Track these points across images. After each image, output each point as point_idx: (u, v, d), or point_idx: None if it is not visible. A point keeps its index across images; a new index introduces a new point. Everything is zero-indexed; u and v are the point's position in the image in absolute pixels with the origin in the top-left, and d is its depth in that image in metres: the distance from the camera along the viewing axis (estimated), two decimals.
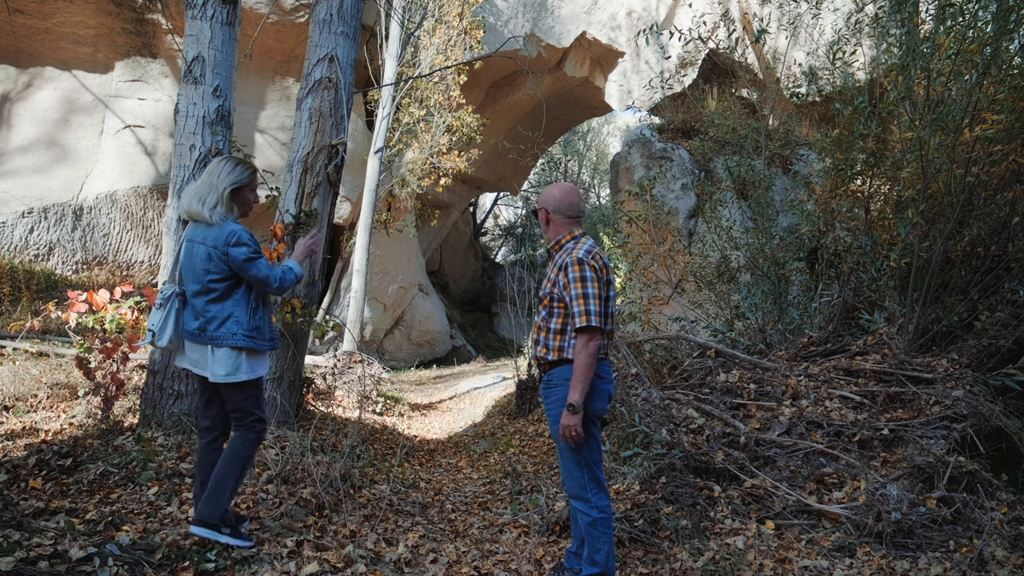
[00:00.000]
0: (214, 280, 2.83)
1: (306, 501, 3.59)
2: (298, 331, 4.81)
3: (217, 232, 2.83)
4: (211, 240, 2.82)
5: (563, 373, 2.77)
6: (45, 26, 9.83)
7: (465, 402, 9.79)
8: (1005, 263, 4.67)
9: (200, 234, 2.85)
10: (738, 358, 5.08)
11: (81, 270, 10.26)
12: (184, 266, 2.90)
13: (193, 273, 2.85)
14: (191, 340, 2.85)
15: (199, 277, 2.84)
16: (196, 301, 2.85)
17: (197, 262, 2.84)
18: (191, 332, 2.85)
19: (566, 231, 2.89)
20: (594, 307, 2.66)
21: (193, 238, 2.88)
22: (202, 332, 2.83)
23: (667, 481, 3.88)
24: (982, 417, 3.90)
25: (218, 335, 2.82)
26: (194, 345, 2.85)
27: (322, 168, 4.81)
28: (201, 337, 2.82)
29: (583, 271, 2.70)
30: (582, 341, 2.65)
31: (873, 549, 3.24)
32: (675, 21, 14.03)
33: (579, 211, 2.92)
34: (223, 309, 2.84)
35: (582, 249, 2.78)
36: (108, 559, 2.43)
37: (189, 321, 2.87)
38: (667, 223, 7.75)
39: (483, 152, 13.72)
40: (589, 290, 2.67)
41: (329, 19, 4.85)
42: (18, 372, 5.37)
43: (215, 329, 2.82)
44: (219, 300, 2.85)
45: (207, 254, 2.82)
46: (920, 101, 4.72)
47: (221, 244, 2.81)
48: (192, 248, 2.87)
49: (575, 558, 2.96)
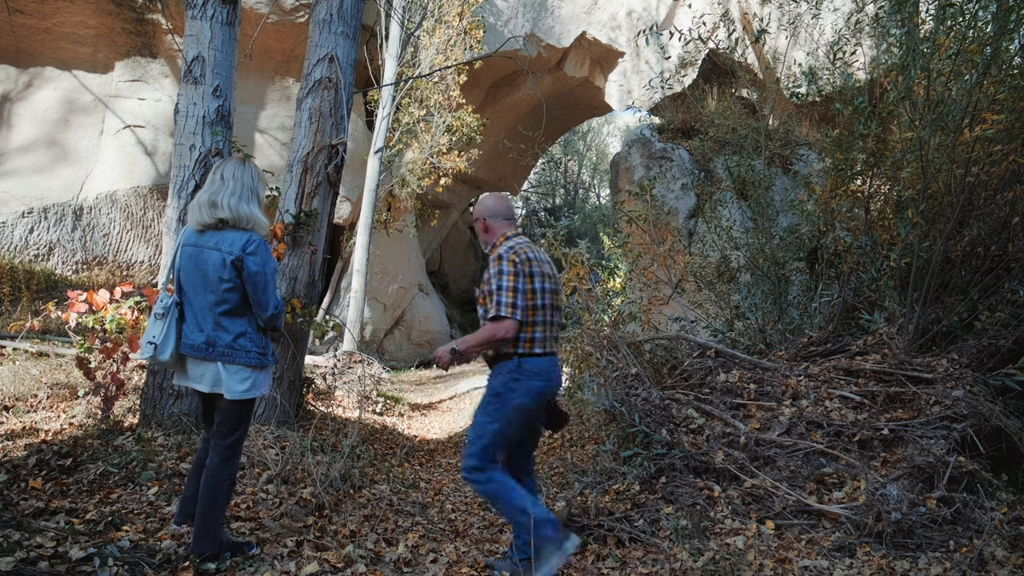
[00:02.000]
0: (229, 290, 2.63)
1: (306, 501, 3.59)
2: (298, 331, 4.81)
3: (235, 236, 2.65)
4: (227, 245, 2.63)
5: (502, 368, 2.95)
6: (45, 26, 9.83)
7: (465, 402, 9.79)
8: (1005, 263, 4.66)
9: (212, 239, 2.65)
10: (738, 358, 5.08)
11: (81, 270, 10.26)
12: (189, 274, 2.68)
13: (205, 282, 2.63)
14: (195, 355, 2.67)
15: (214, 287, 2.62)
16: (206, 313, 2.65)
17: (211, 270, 2.62)
18: (195, 347, 2.66)
19: (500, 234, 3.08)
20: (506, 298, 2.84)
21: (202, 243, 2.65)
22: (211, 347, 2.64)
23: (667, 481, 3.88)
24: (982, 417, 3.90)
25: (231, 352, 2.64)
26: (197, 362, 2.68)
27: (322, 168, 4.81)
28: (210, 352, 2.64)
29: (500, 265, 2.90)
30: (490, 324, 2.86)
31: (873, 549, 3.24)
32: (675, 21, 14.03)
33: (511, 215, 3.14)
34: (237, 324, 2.67)
35: (504, 246, 2.98)
36: (108, 559, 2.43)
37: (192, 335, 2.67)
38: (667, 223, 7.75)
39: (483, 152, 13.72)
40: (504, 283, 2.86)
41: (329, 19, 4.85)
42: (18, 372, 5.37)
43: (228, 345, 2.64)
44: (234, 314, 2.66)
45: (222, 260, 2.61)
46: (920, 101, 4.72)
47: (238, 250, 2.62)
48: (201, 254, 2.64)
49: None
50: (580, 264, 5.52)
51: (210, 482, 2.68)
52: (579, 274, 5.50)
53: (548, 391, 2.99)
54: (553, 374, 2.98)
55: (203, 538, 2.66)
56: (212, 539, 2.67)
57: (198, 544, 2.65)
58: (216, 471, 2.69)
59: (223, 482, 2.69)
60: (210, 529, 2.67)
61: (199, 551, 2.64)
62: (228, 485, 2.72)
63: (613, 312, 5.72)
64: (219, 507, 2.69)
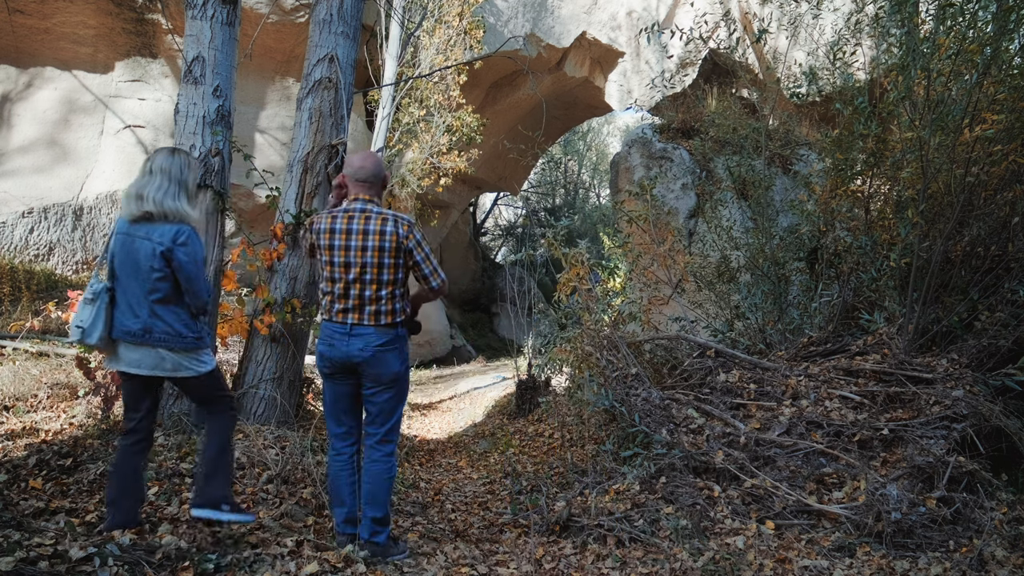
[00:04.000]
0: (160, 279, 2.73)
1: (306, 501, 3.60)
2: (298, 331, 4.81)
3: (165, 228, 2.75)
4: (157, 236, 2.73)
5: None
6: (45, 26, 9.83)
7: (465, 402, 9.79)
8: (1005, 263, 4.66)
9: (144, 229, 2.75)
10: (738, 358, 5.08)
11: (81, 270, 10.26)
12: (122, 262, 2.77)
13: (137, 271, 2.74)
14: (131, 340, 2.75)
15: (145, 275, 2.73)
16: (140, 301, 2.74)
17: (142, 259, 2.73)
18: (131, 333, 2.75)
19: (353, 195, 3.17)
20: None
21: (134, 233, 2.75)
22: (148, 334, 2.74)
23: (667, 481, 3.87)
24: (982, 417, 3.90)
25: (169, 339, 2.75)
26: (134, 346, 2.76)
27: (322, 168, 4.81)
28: (146, 339, 2.74)
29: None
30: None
31: (873, 549, 3.24)
32: (675, 21, 14.03)
33: (362, 176, 3.13)
34: (171, 312, 2.77)
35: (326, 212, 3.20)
36: (108, 559, 2.43)
37: (126, 321, 2.76)
38: (667, 223, 7.74)
39: (483, 152, 13.72)
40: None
41: (329, 19, 4.85)
42: (18, 372, 5.37)
43: (164, 332, 2.75)
44: (167, 302, 2.76)
45: (152, 250, 2.72)
46: (920, 101, 4.72)
47: (168, 241, 2.72)
48: (133, 243, 2.74)
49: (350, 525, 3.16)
50: (580, 264, 5.52)
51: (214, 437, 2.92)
52: (579, 274, 5.50)
53: (331, 357, 3.06)
54: (337, 341, 3.03)
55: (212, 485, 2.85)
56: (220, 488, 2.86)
57: (206, 491, 2.83)
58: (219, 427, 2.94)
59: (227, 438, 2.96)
60: (220, 479, 2.87)
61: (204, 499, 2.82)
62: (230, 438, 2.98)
63: (613, 312, 5.72)
64: (226, 456, 2.93)
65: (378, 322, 3.04)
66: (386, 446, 3.12)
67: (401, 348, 3.12)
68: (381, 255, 3.01)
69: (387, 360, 3.05)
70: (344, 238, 3.02)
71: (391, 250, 3.01)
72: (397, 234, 3.02)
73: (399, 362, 3.09)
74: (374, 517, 3.08)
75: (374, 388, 3.08)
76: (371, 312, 3.03)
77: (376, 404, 3.10)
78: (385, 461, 3.11)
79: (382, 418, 3.11)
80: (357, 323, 3.03)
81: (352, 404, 3.18)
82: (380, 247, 3.00)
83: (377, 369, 3.04)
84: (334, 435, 3.19)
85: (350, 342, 3.03)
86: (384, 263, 3.02)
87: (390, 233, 3.01)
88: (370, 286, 3.02)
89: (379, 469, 3.09)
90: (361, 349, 3.02)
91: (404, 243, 3.03)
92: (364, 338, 3.02)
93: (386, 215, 3.05)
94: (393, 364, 3.07)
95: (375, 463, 3.10)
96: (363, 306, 3.03)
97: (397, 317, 3.08)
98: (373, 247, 3.00)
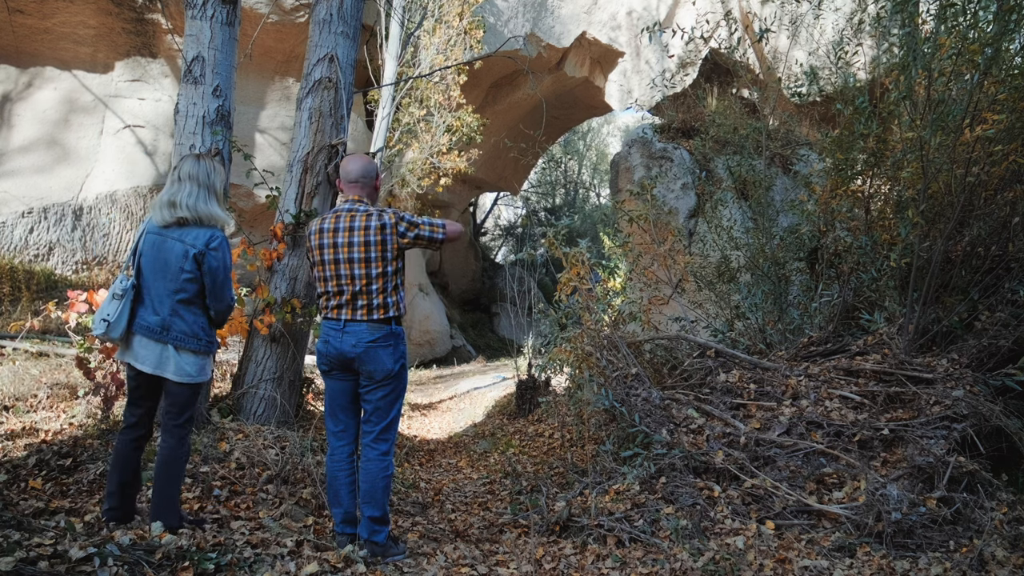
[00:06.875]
0: (189, 280, 2.81)
1: (306, 501, 3.60)
2: (298, 331, 4.81)
3: (200, 232, 2.82)
4: (190, 239, 2.81)
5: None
6: (45, 26, 9.83)
7: (465, 402, 9.79)
8: (1005, 263, 4.66)
9: (176, 232, 2.83)
10: (738, 358, 5.08)
11: (81, 270, 10.26)
12: (150, 260, 2.85)
13: (166, 270, 2.81)
14: (146, 336, 2.82)
15: (174, 275, 2.80)
16: (164, 299, 2.81)
17: (173, 259, 2.81)
18: (149, 328, 2.81)
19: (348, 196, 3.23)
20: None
21: (166, 233, 2.84)
22: (165, 331, 2.80)
23: (667, 481, 3.87)
24: (982, 417, 3.89)
25: (184, 338, 2.82)
26: (147, 341, 2.82)
27: (322, 168, 4.81)
28: (163, 336, 2.80)
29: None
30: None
31: (873, 549, 3.24)
32: (676, 21, 14.02)
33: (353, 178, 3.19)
34: (191, 313, 2.85)
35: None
36: (108, 558, 2.43)
37: (147, 316, 2.82)
38: (667, 223, 7.73)
39: (483, 152, 13.71)
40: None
41: (329, 19, 4.85)
42: (18, 372, 5.37)
43: (182, 331, 2.82)
44: (190, 303, 2.84)
45: (185, 252, 2.79)
46: (921, 101, 4.72)
47: (201, 244, 2.80)
48: (164, 243, 2.83)
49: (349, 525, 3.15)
50: (580, 264, 5.51)
51: (168, 459, 2.87)
52: (579, 274, 5.50)
53: (327, 354, 3.09)
54: (332, 337, 3.07)
55: (166, 511, 2.82)
56: (175, 512, 2.84)
57: (163, 516, 2.80)
58: (173, 449, 2.88)
59: (179, 459, 2.91)
60: (172, 502, 2.85)
61: (165, 523, 2.79)
62: (183, 461, 2.93)
63: (613, 312, 5.72)
64: (177, 482, 2.88)
65: (370, 317, 3.06)
66: (382, 444, 3.12)
67: (396, 345, 3.12)
68: (367, 249, 3.05)
69: (380, 356, 3.05)
70: (332, 236, 3.07)
71: (377, 243, 3.05)
72: (383, 225, 3.05)
73: (392, 359, 3.09)
74: (372, 516, 3.08)
75: (369, 385, 3.09)
76: (363, 307, 3.06)
77: (371, 402, 3.11)
78: (381, 460, 3.10)
79: (377, 416, 3.11)
80: (350, 319, 3.06)
81: (349, 402, 3.19)
82: (365, 241, 3.05)
83: (370, 366, 3.05)
84: (331, 433, 3.21)
85: (343, 338, 3.05)
86: (371, 256, 3.05)
87: (375, 226, 3.05)
88: (359, 280, 3.05)
89: (375, 468, 3.09)
90: (353, 345, 3.04)
91: (394, 231, 3.07)
92: (356, 334, 3.05)
93: (371, 211, 3.10)
94: (386, 361, 3.06)
95: (371, 462, 3.10)
96: (355, 301, 3.06)
97: (390, 312, 3.09)
98: (359, 242, 3.05)
